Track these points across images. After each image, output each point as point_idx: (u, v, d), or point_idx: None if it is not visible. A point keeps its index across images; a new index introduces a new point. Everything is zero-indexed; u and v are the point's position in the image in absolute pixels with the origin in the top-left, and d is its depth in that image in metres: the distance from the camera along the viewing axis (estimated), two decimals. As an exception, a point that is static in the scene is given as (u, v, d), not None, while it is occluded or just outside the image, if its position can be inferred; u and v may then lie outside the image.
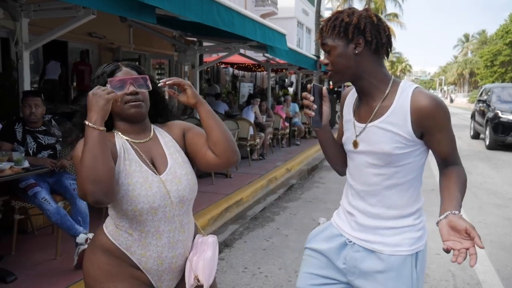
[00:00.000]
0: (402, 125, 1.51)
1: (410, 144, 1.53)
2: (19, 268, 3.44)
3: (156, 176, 1.54)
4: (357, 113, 1.65)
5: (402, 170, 1.56)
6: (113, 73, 1.58)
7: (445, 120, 1.52)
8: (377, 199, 1.61)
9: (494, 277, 3.76)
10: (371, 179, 1.61)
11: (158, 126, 1.71)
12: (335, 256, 1.70)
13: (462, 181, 1.55)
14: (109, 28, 8.48)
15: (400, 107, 1.52)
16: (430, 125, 1.50)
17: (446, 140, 1.55)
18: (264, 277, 3.69)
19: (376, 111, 1.57)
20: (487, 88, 14.48)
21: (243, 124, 8.11)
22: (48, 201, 3.50)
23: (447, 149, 1.56)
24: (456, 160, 1.60)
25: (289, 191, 6.93)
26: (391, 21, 60.18)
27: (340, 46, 1.54)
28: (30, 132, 3.75)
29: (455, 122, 23.25)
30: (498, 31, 46.94)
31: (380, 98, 1.56)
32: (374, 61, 1.56)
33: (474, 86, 70.82)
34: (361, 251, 1.64)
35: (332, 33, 1.55)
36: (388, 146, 1.53)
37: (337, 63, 1.56)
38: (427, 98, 1.49)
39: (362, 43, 1.52)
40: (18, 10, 4.26)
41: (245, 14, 5.42)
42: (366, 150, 1.59)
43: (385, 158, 1.55)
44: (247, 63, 14.76)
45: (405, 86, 1.55)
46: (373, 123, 1.57)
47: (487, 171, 8.86)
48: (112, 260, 1.54)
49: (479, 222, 5.31)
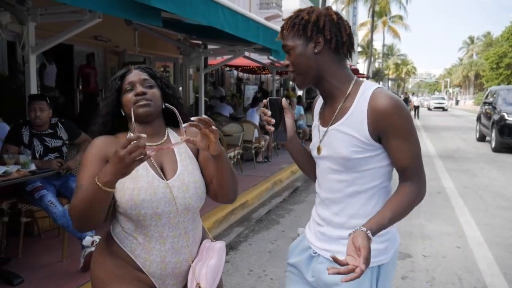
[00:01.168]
0: (359, 128, 1.43)
1: (369, 148, 1.44)
2: (26, 271, 3.45)
3: (163, 182, 1.53)
4: (322, 117, 1.60)
5: (363, 176, 1.48)
6: (124, 76, 1.61)
7: (404, 125, 1.41)
8: (340, 208, 1.53)
9: (501, 280, 3.73)
10: (334, 186, 1.54)
11: (173, 130, 1.70)
12: (304, 269, 1.63)
13: (406, 202, 1.41)
14: (114, 31, 8.52)
15: (359, 109, 1.44)
16: (386, 128, 1.41)
17: (404, 148, 1.42)
18: (270, 279, 3.69)
19: (337, 113, 1.50)
20: (493, 90, 14.37)
21: (248, 126, 8.12)
22: (55, 204, 3.52)
23: (404, 160, 1.44)
24: (415, 176, 1.45)
25: (294, 193, 6.92)
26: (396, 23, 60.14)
27: (299, 45, 1.48)
28: (37, 135, 3.77)
29: (460, 124, 23.17)
30: (504, 33, 46.84)
31: (342, 99, 1.49)
32: (334, 61, 1.49)
33: (479, 88, 70.54)
34: (324, 263, 1.54)
35: (292, 32, 1.49)
36: (346, 150, 1.46)
37: (297, 63, 1.50)
38: (385, 98, 1.41)
39: (322, 42, 1.46)
40: (25, 14, 4.28)
41: (249, 17, 5.43)
42: (327, 155, 1.53)
43: (344, 163, 1.48)
44: (252, 66, 14.77)
45: (366, 87, 1.48)
46: (333, 126, 1.50)
47: (493, 174, 8.81)
48: (118, 263, 1.55)
49: (485, 225, 5.28)
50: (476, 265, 4.06)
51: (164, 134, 1.65)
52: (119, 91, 1.60)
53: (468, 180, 8.10)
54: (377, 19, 53.43)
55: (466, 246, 4.57)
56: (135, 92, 1.56)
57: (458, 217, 5.60)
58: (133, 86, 1.58)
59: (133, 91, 1.56)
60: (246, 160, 8.75)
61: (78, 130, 4.03)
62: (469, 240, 4.74)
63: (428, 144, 13.56)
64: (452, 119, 28.43)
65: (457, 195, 6.83)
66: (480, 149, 12.69)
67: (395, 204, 1.40)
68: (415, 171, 1.45)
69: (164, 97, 1.64)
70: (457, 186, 7.50)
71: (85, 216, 1.41)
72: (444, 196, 6.76)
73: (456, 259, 4.23)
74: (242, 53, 8.52)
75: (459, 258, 4.25)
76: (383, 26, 57.67)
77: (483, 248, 4.50)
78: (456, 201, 6.47)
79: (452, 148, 12.84)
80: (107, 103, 1.60)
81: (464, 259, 4.21)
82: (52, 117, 3.90)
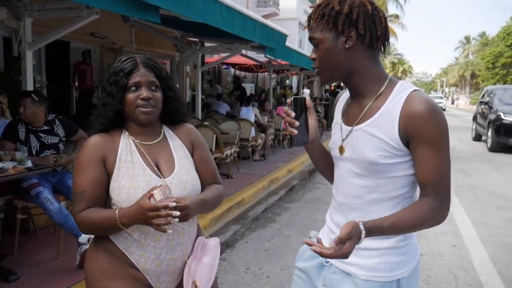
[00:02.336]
0: (389, 130, 1.31)
1: (398, 154, 1.32)
2: (21, 267, 3.44)
3: (160, 180, 1.53)
4: (346, 115, 1.47)
5: (389, 183, 1.36)
6: (131, 73, 1.53)
7: (436, 134, 1.28)
8: (358, 215, 1.36)
9: (496, 279, 3.75)
10: (354, 190, 1.41)
11: (169, 128, 1.69)
12: (315, 276, 1.53)
13: (417, 216, 1.28)
14: (111, 28, 8.48)
15: (391, 110, 1.32)
16: (417, 134, 1.28)
17: (430, 159, 1.28)
18: (266, 277, 3.69)
19: (365, 112, 1.37)
20: (489, 90, 14.39)
21: (245, 125, 8.11)
22: (51, 201, 3.50)
23: (428, 173, 1.30)
24: (438, 194, 1.31)
25: (291, 192, 6.93)
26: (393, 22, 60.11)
27: (329, 39, 1.34)
28: (33, 131, 3.75)
29: (457, 124, 23.22)
30: (500, 33, 46.94)
31: (372, 98, 1.37)
32: (367, 57, 1.36)
33: (475, 88, 70.77)
34: (338, 273, 1.44)
35: (321, 23, 1.34)
36: (372, 154, 1.33)
37: (325, 59, 1.37)
38: (422, 101, 1.28)
39: (354, 36, 1.32)
40: (21, 9, 4.26)
41: (246, 14, 5.41)
42: (350, 156, 1.40)
43: (369, 167, 1.35)
44: (249, 64, 14.77)
45: (401, 88, 1.35)
46: (359, 126, 1.38)
47: (489, 173, 8.85)
48: (112, 260, 1.54)
49: (481, 224, 5.31)
50: (472, 264, 4.07)
51: (160, 133, 1.65)
52: (124, 87, 1.53)
53: (464, 179, 8.13)
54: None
55: (462, 245, 4.59)
56: (140, 95, 1.51)
57: (454, 216, 5.61)
58: (138, 87, 1.53)
59: (137, 92, 1.52)
60: (243, 158, 8.74)
61: (75, 127, 4.00)
62: (464, 239, 4.76)
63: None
64: (448, 118, 28.48)
65: (452, 194, 6.78)
66: (476, 149, 12.75)
67: (404, 213, 1.29)
68: (438, 189, 1.31)
69: (165, 99, 1.60)
70: (453, 185, 7.47)
71: (95, 233, 1.60)
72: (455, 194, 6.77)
73: (452, 257, 4.24)
74: (239, 51, 8.50)
75: (455, 257, 4.27)
76: (380, 25, 57.68)
77: (479, 247, 4.53)
78: (452, 200, 6.47)
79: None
80: (114, 101, 1.52)
81: (460, 258, 4.23)
82: (49, 113, 3.87)
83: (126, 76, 1.52)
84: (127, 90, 1.52)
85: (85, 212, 1.49)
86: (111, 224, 1.43)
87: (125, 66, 1.53)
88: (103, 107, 1.55)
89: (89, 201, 1.50)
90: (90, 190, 1.49)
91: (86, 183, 1.49)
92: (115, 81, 1.52)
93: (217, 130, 6.74)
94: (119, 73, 1.52)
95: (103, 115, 1.55)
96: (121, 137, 1.58)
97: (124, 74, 1.52)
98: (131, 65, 1.54)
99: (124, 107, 1.54)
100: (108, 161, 1.53)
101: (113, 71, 1.54)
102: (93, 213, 1.48)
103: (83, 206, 1.49)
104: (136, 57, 1.57)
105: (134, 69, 1.53)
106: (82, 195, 1.49)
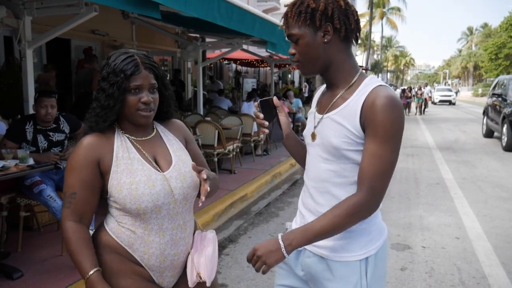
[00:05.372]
0: (352, 120, 1.39)
1: (359, 142, 1.40)
2: (25, 265, 3.46)
3: (160, 174, 1.53)
4: (319, 104, 1.57)
5: (353, 169, 1.43)
6: (132, 75, 1.48)
7: (386, 128, 1.33)
8: (325, 198, 1.48)
9: (500, 271, 3.75)
10: (322, 175, 1.49)
11: (160, 124, 1.69)
12: (293, 263, 1.60)
13: (343, 214, 1.36)
14: (112, 25, 8.49)
15: (356, 101, 1.40)
16: (369, 124, 1.35)
17: (373, 152, 1.35)
18: (269, 272, 3.69)
19: (334, 101, 1.46)
20: (501, 80, 12.62)
21: (247, 120, 8.10)
22: (54, 198, 3.52)
23: (366, 165, 1.36)
24: (368, 186, 1.35)
25: (294, 186, 6.93)
26: (394, 14, 59.92)
27: (308, 34, 1.42)
28: (42, 131, 3.75)
29: (460, 115, 23.15)
30: (503, 24, 46.72)
31: (343, 89, 1.46)
32: (343, 50, 1.46)
33: (478, 79, 70.48)
34: (312, 257, 1.53)
35: (298, 20, 1.42)
36: (336, 140, 1.42)
37: (306, 53, 1.45)
38: (383, 96, 1.35)
39: (331, 31, 1.41)
40: (21, 8, 4.26)
41: (246, 9, 5.39)
42: (320, 142, 1.50)
43: (334, 152, 1.44)
44: (250, 59, 14.74)
45: (369, 82, 1.43)
46: (328, 114, 1.47)
47: (492, 165, 8.81)
48: (114, 257, 1.53)
49: (484, 216, 5.29)
50: (475, 256, 4.07)
51: (153, 129, 1.65)
52: (125, 89, 1.49)
53: (467, 171, 8.11)
54: (375, 10, 53.23)
55: (465, 237, 4.58)
56: (142, 99, 1.49)
57: (457, 208, 5.61)
58: (139, 90, 1.50)
59: (138, 95, 1.49)
60: (245, 153, 8.75)
61: (78, 121, 4.02)
62: (468, 231, 4.75)
63: (427, 136, 13.57)
64: (451, 110, 28.38)
65: (456, 186, 6.84)
66: (485, 144, 12.62)
67: (328, 216, 1.38)
68: (372, 182, 1.35)
69: (160, 98, 1.59)
70: (456, 177, 7.50)
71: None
72: (443, 188, 6.77)
73: (455, 250, 4.24)
74: (240, 46, 8.49)
75: (458, 249, 4.26)
76: (380, 17, 57.47)
77: (482, 239, 4.52)
78: (455, 192, 6.48)
79: (451, 140, 12.84)
80: (116, 103, 1.49)
81: (463, 250, 4.22)
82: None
83: (128, 78, 1.48)
84: (128, 92, 1.49)
85: (72, 228, 1.49)
86: (79, 270, 1.46)
87: (126, 67, 1.48)
88: (104, 110, 1.50)
89: (79, 204, 1.49)
90: (80, 193, 1.49)
91: (77, 185, 1.48)
92: (116, 83, 1.47)
93: (219, 126, 6.74)
94: (119, 74, 1.47)
95: (104, 117, 1.51)
96: (115, 134, 1.57)
97: (125, 76, 1.47)
98: (133, 66, 1.49)
99: (123, 108, 1.51)
100: (104, 161, 1.51)
101: (112, 70, 1.48)
102: (75, 242, 1.48)
103: (73, 209, 1.50)
104: (135, 56, 1.51)
105: (136, 71, 1.49)
106: (72, 197, 1.49)
